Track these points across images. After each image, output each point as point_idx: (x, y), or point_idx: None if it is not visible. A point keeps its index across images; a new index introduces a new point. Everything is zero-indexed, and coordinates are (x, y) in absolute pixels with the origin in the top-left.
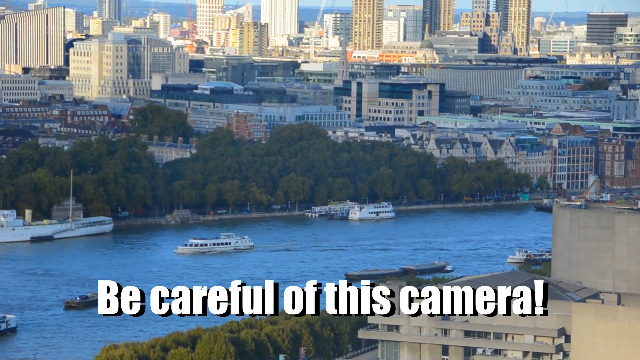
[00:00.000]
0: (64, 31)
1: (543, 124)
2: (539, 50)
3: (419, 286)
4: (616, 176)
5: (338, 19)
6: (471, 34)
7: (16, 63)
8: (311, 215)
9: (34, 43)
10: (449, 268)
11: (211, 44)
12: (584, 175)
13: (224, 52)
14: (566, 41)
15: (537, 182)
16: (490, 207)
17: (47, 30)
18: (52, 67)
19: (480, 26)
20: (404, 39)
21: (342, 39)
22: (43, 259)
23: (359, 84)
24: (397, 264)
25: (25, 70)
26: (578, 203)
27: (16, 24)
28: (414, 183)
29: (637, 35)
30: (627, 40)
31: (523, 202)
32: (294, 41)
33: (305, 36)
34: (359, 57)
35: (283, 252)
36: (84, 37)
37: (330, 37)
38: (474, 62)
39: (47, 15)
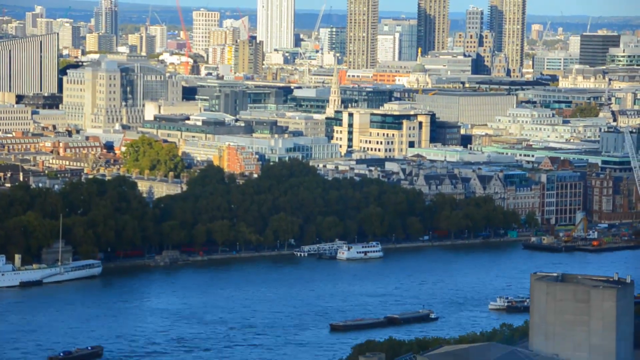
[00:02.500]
0: (57, 58)
1: (532, 156)
2: (533, 68)
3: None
4: (604, 211)
5: (334, 33)
6: (464, 55)
7: (10, 91)
8: (300, 255)
9: (28, 70)
10: (432, 316)
11: (207, 59)
12: (573, 210)
13: (217, 75)
14: (560, 59)
15: (525, 218)
16: (479, 245)
17: (41, 58)
18: (46, 94)
19: (474, 47)
20: (399, 54)
21: (337, 55)
22: (30, 308)
23: (350, 115)
24: (382, 312)
25: (19, 97)
26: (555, 275)
27: (10, 51)
28: (403, 221)
29: (629, 57)
30: (619, 61)
31: (511, 239)
32: (289, 57)
33: (302, 50)
34: (353, 76)
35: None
36: (78, 63)
37: (326, 53)
38: (467, 85)
39: (41, 42)
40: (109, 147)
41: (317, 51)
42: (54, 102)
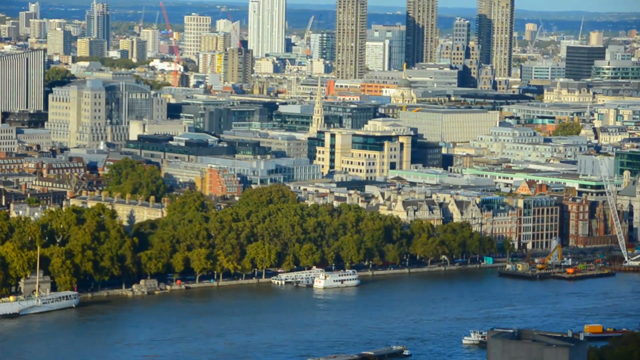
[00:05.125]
0: (44, 74)
1: (511, 179)
2: (520, 77)
3: None
4: (580, 236)
5: (324, 38)
6: (451, 67)
7: None
8: (278, 283)
9: (14, 87)
10: (406, 353)
11: (197, 65)
12: (549, 234)
13: (206, 86)
14: (548, 68)
15: (501, 243)
16: (455, 272)
17: (27, 74)
18: (32, 111)
19: (461, 59)
20: (389, 60)
21: (327, 62)
22: (6, 346)
23: (332, 136)
24: (356, 349)
25: (5, 114)
26: (512, 331)
27: None
28: (380, 248)
29: (614, 69)
30: (604, 73)
31: (488, 266)
32: (279, 65)
33: (292, 56)
34: (341, 86)
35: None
36: (64, 79)
37: (315, 60)
38: (452, 98)
39: (27, 59)
40: (93, 167)
41: (308, 57)
42: (39, 119)
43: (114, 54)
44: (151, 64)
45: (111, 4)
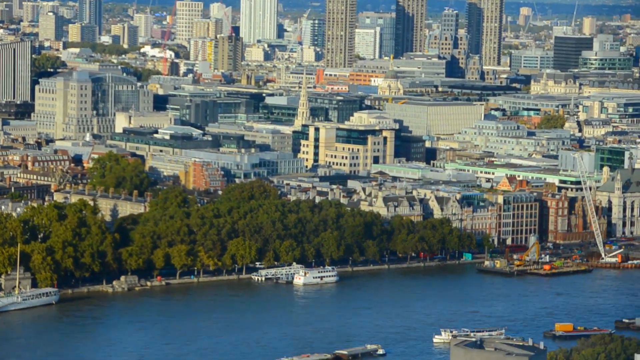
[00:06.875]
0: (31, 65)
1: (493, 174)
2: (510, 66)
3: None
4: (559, 231)
5: (316, 24)
6: (439, 57)
7: None
8: (258, 279)
9: (1, 77)
10: (380, 352)
11: (189, 51)
12: (529, 230)
13: (195, 75)
14: (537, 57)
15: (480, 239)
16: (434, 268)
17: (14, 65)
18: (19, 102)
19: (449, 49)
20: (380, 48)
21: (318, 50)
22: None
23: (317, 129)
24: (331, 347)
25: None
26: (474, 339)
27: None
28: (360, 244)
29: (601, 60)
30: (591, 64)
31: (467, 262)
32: (269, 52)
33: (284, 42)
34: (330, 75)
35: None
36: (53, 68)
37: (306, 47)
38: (440, 88)
39: (14, 50)
40: (78, 160)
41: (299, 43)
42: (26, 109)
43: (105, 39)
44: (142, 49)
45: None
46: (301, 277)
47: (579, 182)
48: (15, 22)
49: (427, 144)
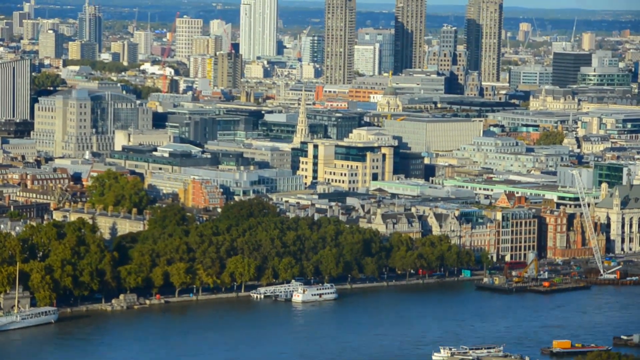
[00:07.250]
0: (30, 83)
1: (492, 190)
2: (509, 82)
3: None
4: (558, 248)
5: (315, 41)
6: (438, 74)
7: None
8: (257, 297)
9: (1, 96)
10: None
11: (189, 68)
12: (527, 247)
13: (194, 92)
14: (536, 73)
15: (479, 255)
16: (433, 285)
17: (14, 83)
18: (18, 120)
19: (448, 65)
20: (379, 64)
21: (317, 66)
22: None
23: (315, 147)
24: None
25: None
26: (472, 356)
27: None
28: (359, 261)
29: (600, 76)
30: (590, 80)
31: (465, 279)
32: (269, 69)
33: (283, 59)
34: (329, 91)
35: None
36: (52, 87)
37: (305, 64)
38: (439, 105)
39: (14, 68)
40: (77, 178)
41: (299, 59)
42: (25, 128)
43: (105, 56)
44: (142, 67)
45: (106, 2)
46: (300, 294)
47: (577, 199)
48: (15, 40)
49: (426, 161)
